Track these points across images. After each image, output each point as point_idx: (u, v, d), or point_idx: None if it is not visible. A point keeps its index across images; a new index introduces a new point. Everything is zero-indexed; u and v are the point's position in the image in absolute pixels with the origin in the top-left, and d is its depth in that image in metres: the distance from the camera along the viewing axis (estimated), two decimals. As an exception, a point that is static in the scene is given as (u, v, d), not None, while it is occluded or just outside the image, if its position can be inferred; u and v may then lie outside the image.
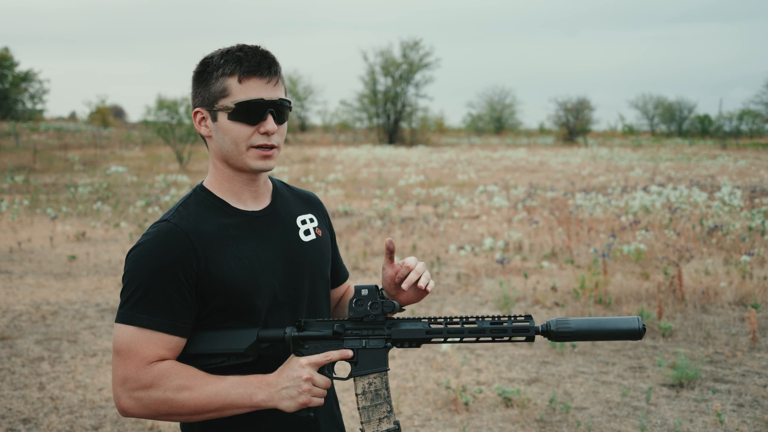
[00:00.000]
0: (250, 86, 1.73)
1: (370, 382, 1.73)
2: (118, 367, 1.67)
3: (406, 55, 50.00)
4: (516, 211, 13.40)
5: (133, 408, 1.67)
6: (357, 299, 1.75)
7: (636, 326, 1.67)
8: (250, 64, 1.73)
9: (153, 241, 1.70)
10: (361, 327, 1.75)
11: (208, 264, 1.71)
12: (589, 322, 1.70)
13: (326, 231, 1.99)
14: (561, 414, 4.73)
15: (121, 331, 1.68)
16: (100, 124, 44.73)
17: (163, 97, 29.23)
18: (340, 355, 1.73)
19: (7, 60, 44.87)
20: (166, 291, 1.67)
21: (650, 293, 7.35)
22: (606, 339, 1.70)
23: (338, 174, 22.05)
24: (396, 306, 1.75)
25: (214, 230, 1.75)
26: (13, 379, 5.38)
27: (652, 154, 33.51)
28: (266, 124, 1.74)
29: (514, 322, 1.72)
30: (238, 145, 1.75)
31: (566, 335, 1.69)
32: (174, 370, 1.67)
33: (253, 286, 1.75)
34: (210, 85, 1.76)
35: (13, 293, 7.96)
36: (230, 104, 1.73)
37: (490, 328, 1.71)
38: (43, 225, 12.82)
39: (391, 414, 1.71)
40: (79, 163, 26.09)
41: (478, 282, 8.42)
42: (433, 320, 1.75)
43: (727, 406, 4.78)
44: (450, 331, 1.72)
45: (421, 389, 5.20)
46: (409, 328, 1.74)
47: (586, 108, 52.08)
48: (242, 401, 1.67)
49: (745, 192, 14.88)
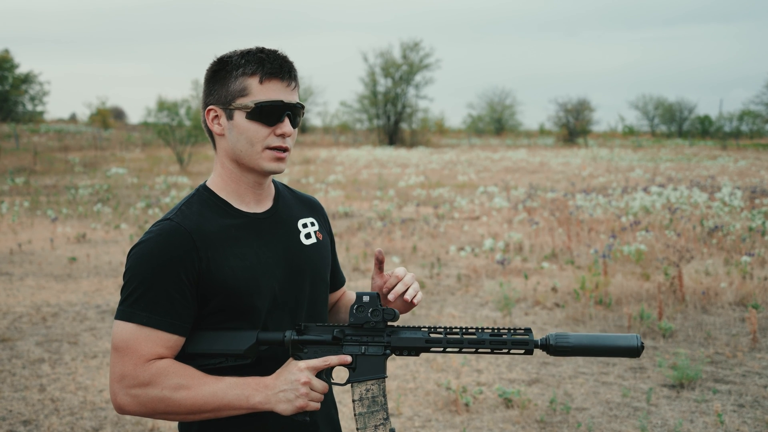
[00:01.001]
0: (271, 88, 1.75)
1: (368, 388, 1.73)
2: (116, 363, 1.67)
3: (406, 56, 50.01)
4: (516, 212, 13.40)
5: (130, 405, 1.67)
6: (358, 305, 1.75)
7: (634, 344, 1.69)
8: (272, 66, 1.75)
9: (155, 239, 1.71)
10: (361, 333, 1.76)
11: (209, 264, 1.72)
12: (588, 338, 1.71)
13: (326, 235, 2.00)
14: (561, 415, 4.73)
15: (120, 328, 1.68)
16: (101, 125, 44.71)
17: (164, 99, 29.22)
18: (339, 361, 1.73)
19: (7, 62, 44.87)
20: (167, 289, 1.68)
21: (650, 294, 7.35)
22: (604, 355, 1.72)
23: (338, 175, 22.05)
24: (396, 314, 1.76)
25: (217, 230, 1.76)
26: (14, 380, 5.38)
27: (653, 154, 33.50)
28: (283, 126, 1.76)
29: (513, 335, 1.73)
30: (253, 145, 1.76)
31: (565, 350, 1.71)
32: (172, 368, 1.67)
33: (253, 287, 1.75)
34: (228, 83, 1.76)
35: (14, 295, 7.96)
36: (250, 103, 1.74)
37: (489, 339, 1.72)
38: (43, 227, 12.82)
39: (387, 421, 1.72)
40: (79, 164, 26.10)
41: (478, 283, 8.41)
42: (432, 329, 1.76)
43: (727, 406, 4.78)
44: (449, 341, 1.74)
45: (421, 390, 5.20)
46: (408, 337, 1.76)
47: (586, 109, 52.06)
48: (239, 403, 1.67)
49: (746, 192, 14.88)
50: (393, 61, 49.99)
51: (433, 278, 8.70)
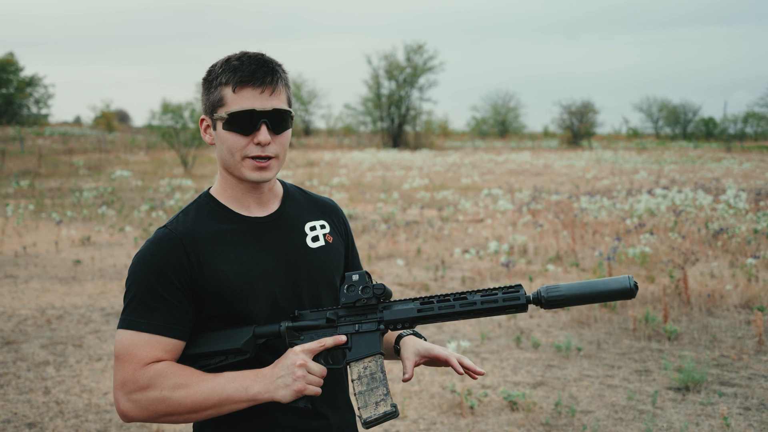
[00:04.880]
0: (244, 96, 1.72)
1: (366, 366, 1.73)
2: (117, 371, 1.69)
3: (410, 59, 50.03)
4: (521, 215, 13.38)
5: (133, 411, 1.68)
6: (348, 285, 1.77)
7: (627, 285, 1.64)
8: (243, 73, 1.72)
9: (149, 247, 1.75)
10: (354, 313, 1.76)
11: (201, 269, 1.73)
12: (579, 286, 1.68)
13: (339, 238, 1.97)
14: (567, 417, 4.71)
15: (120, 336, 1.70)
16: (105, 128, 44.80)
17: (168, 102, 29.29)
18: (334, 342, 1.72)
19: (12, 65, 44.99)
20: (161, 295, 1.70)
21: (656, 296, 7.34)
22: (598, 301, 1.67)
23: (342, 178, 22.05)
24: (387, 290, 1.76)
25: (211, 235, 1.77)
26: (19, 383, 5.38)
27: (657, 157, 33.45)
28: (259, 135, 1.73)
29: (504, 293, 1.71)
30: (233, 155, 1.76)
31: (557, 301, 1.67)
32: (170, 369, 1.68)
33: (248, 291, 1.75)
34: (210, 93, 1.78)
35: (19, 298, 7.97)
36: (224, 114, 1.73)
37: (481, 300, 1.71)
38: (48, 229, 12.84)
39: (388, 397, 1.70)
40: (83, 167, 26.15)
41: (483, 285, 8.40)
42: (424, 299, 1.75)
43: (733, 409, 4.76)
44: (441, 308, 1.72)
45: (426, 393, 5.20)
46: (400, 308, 1.76)
47: (590, 111, 52.02)
48: (238, 395, 1.67)
49: (750, 195, 14.84)
50: (397, 64, 50.02)
51: (437, 281, 8.69)
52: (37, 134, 38.66)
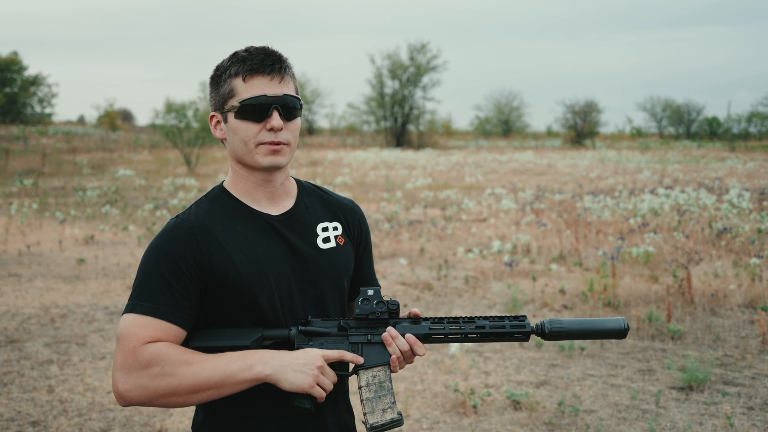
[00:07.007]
0: (254, 84, 1.77)
1: (374, 374, 1.78)
2: (118, 352, 1.69)
3: (413, 58, 50.02)
4: (524, 214, 13.37)
5: (131, 391, 1.66)
6: (363, 298, 1.82)
7: (621, 326, 1.84)
8: (252, 62, 1.77)
9: (161, 236, 1.78)
10: (365, 324, 1.81)
11: (212, 258, 1.74)
12: (579, 323, 1.85)
13: (350, 240, 1.97)
14: (570, 417, 4.71)
15: (124, 319, 1.71)
16: (109, 127, 44.83)
17: (172, 101, 29.28)
18: (353, 359, 1.77)
19: (15, 64, 45.07)
20: (168, 281, 1.71)
21: (659, 296, 7.33)
22: (594, 338, 1.86)
23: (346, 177, 22.06)
24: (398, 305, 1.83)
25: (223, 226, 1.79)
26: (22, 381, 5.39)
27: (660, 156, 33.41)
28: (271, 120, 1.77)
29: (510, 320, 1.83)
30: (246, 144, 1.78)
31: (559, 334, 1.83)
32: (172, 348, 1.69)
33: (256, 283, 1.76)
34: (220, 88, 1.82)
35: (22, 296, 7.99)
36: (236, 103, 1.77)
37: (489, 325, 1.82)
38: (51, 228, 12.87)
39: (395, 405, 1.76)
40: (87, 166, 26.19)
41: (486, 285, 8.40)
42: (434, 320, 1.84)
43: (737, 409, 4.76)
44: (452, 329, 1.82)
45: (429, 392, 5.20)
46: (412, 326, 1.83)
47: (593, 110, 51.98)
48: (242, 374, 1.67)
49: (754, 194, 14.82)
50: (400, 63, 50.01)
51: (440, 280, 8.69)
52: (40, 133, 38.74)
